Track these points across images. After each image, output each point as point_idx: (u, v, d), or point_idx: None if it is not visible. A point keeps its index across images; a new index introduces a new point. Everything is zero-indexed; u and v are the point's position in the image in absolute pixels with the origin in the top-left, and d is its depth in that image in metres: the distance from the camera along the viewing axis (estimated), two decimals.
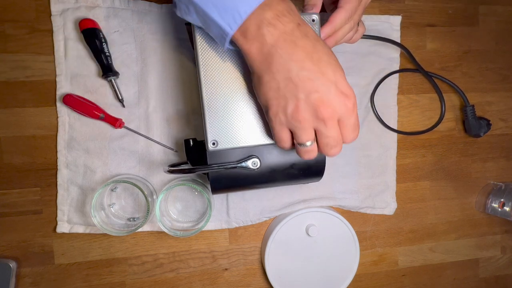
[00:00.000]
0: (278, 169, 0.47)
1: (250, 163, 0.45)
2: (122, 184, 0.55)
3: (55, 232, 0.55)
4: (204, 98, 0.42)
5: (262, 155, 0.46)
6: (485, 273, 0.69)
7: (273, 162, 0.47)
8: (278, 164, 0.47)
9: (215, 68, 0.42)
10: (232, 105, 0.43)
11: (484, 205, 0.66)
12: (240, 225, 0.59)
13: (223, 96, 0.43)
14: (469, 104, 0.63)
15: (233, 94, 0.43)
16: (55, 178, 0.55)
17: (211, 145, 0.43)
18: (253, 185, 0.49)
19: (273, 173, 0.47)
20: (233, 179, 0.47)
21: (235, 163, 0.45)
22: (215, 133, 0.43)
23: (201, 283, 0.60)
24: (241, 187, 0.49)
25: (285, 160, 0.47)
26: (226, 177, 0.47)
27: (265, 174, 0.47)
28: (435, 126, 0.64)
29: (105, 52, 0.52)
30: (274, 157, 0.47)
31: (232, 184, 0.47)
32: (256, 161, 0.46)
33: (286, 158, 0.47)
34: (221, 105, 0.43)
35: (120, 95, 0.54)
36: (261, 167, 0.46)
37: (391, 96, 0.63)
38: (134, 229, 0.52)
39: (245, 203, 0.59)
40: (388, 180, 0.63)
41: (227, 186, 0.48)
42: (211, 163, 0.45)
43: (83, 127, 0.54)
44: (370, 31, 0.61)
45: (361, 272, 0.64)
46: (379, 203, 0.63)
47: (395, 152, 0.63)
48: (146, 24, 0.54)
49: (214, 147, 0.43)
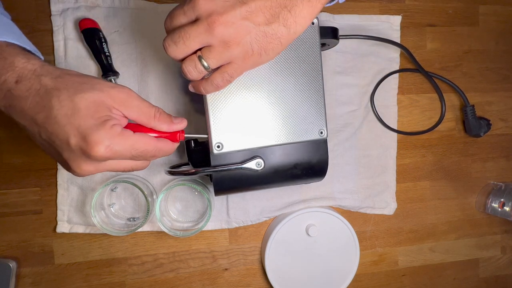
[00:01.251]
0: (282, 169, 0.47)
1: (254, 164, 0.45)
2: (122, 184, 0.55)
3: (55, 232, 0.55)
4: (208, 99, 0.42)
5: (266, 155, 0.46)
6: (485, 273, 0.69)
7: (277, 163, 0.46)
8: (281, 165, 0.47)
9: None
10: (236, 106, 0.43)
11: (484, 205, 0.66)
12: (240, 225, 0.59)
13: (227, 97, 0.42)
14: (469, 104, 0.63)
15: (238, 95, 0.43)
16: (55, 178, 0.54)
17: (215, 148, 0.43)
18: (257, 186, 0.48)
19: (276, 174, 0.47)
20: (236, 180, 0.46)
21: (239, 164, 0.45)
22: (219, 136, 0.43)
23: (201, 283, 0.60)
24: (245, 188, 0.49)
25: (288, 160, 0.47)
26: (229, 179, 0.46)
27: (269, 174, 0.47)
28: (435, 126, 0.64)
29: (105, 52, 0.52)
30: (277, 157, 0.46)
31: (235, 185, 0.47)
32: (260, 162, 0.45)
33: (289, 158, 0.47)
34: (225, 107, 0.42)
35: None
36: (264, 168, 0.46)
37: (391, 96, 0.63)
38: (134, 229, 0.52)
39: (245, 203, 0.59)
40: (388, 180, 0.63)
41: (230, 187, 0.47)
42: (214, 165, 0.45)
43: None
44: (370, 31, 0.61)
45: (361, 272, 0.64)
46: (379, 203, 0.63)
47: (395, 152, 0.63)
48: (146, 23, 0.54)
49: (219, 150, 0.43)
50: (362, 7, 0.61)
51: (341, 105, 0.61)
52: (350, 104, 0.61)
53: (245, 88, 0.43)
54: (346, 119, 0.61)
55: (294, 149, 0.47)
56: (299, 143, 0.46)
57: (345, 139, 0.61)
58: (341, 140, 0.61)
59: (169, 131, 0.38)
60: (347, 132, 0.61)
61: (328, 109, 0.60)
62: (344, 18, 0.60)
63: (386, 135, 0.63)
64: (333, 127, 0.61)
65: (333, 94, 0.61)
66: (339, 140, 0.61)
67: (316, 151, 0.48)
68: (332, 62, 0.60)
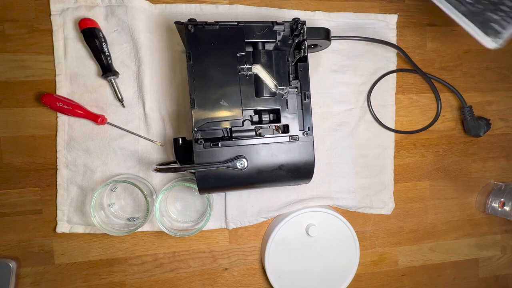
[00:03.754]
0: (266, 170, 0.47)
1: (237, 163, 0.45)
2: (121, 184, 0.55)
3: (55, 232, 0.55)
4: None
5: (250, 155, 0.46)
6: (485, 273, 0.69)
7: (261, 163, 0.47)
8: (265, 165, 0.47)
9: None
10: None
11: (484, 205, 0.66)
12: (237, 226, 0.59)
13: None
14: (467, 105, 0.63)
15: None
16: (55, 178, 0.54)
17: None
18: (241, 186, 0.49)
19: (261, 174, 0.47)
20: (220, 179, 0.47)
21: (222, 163, 0.45)
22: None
23: (201, 283, 0.60)
24: (229, 187, 0.49)
25: (273, 161, 0.47)
26: (213, 177, 0.46)
27: (253, 174, 0.47)
28: (431, 124, 0.64)
29: (105, 52, 0.52)
30: (262, 157, 0.47)
31: (219, 184, 0.47)
32: (243, 162, 0.45)
33: (274, 159, 0.47)
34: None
35: (120, 95, 0.54)
36: (248, 168, 0.46)
37: (389, 95, 0.63)
38: (133, 229, 0.52)
39: (243, 203, 0.59)
40: (385, 180, 0.63)
41: (214, 185, 0.48)
42: (198, 163, 0.45)
43: (83, 126, 0.54)
44: (366, 30, 0.61)
45: (361, 272, 0.64)
46: (376, 203, 0.63)
47: (392, 151, 0.63)
48: (140, 21, 0.54)
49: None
50: (362, 6, 0.61)
51: (337, 103, 0.61)
52: (346, 103, 0.61)
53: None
54: (343, 118, 0.61)
55: (278, 149, 0.47)
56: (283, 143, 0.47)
57: (341, 138, 0.61)
58: (337, 139, 0.61)
59: None
60: (343, 131, 0.61)
61: (325, 107, 0.60)
62: (340, 16, 0.60)
63: (384, 134, 0.63)
64: (329, 125, 0.61)
65: (330, 92, 0.61)
66: (335, 138, 0.61)
67: (301, 152, 0.48)
68: (328, 60, 0.60)
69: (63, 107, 0.52)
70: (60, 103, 0.52)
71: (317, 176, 0.60)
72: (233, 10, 0.56)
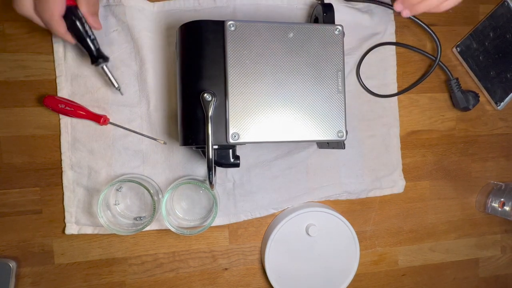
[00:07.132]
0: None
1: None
2: (127, 183, 0.55)
3: (56, 232, 0.55)
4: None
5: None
6: (485, 273, 0.69)
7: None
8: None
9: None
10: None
11: (484, 205, 0.66)
12: (248, 218, 0.59)
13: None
14: (453, 77, 0.62)
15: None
16: (56, 177, 0.54)
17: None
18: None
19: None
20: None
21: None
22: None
23: (201, 283, 0.60)
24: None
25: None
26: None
27: None
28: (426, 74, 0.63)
29: (90, 36, 0.47)
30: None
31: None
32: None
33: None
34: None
35: (115, 82, 0.51)
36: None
37: (391, 73, 0.62)
38: (141, 228, 0.52)
39: (253, 195, 0.58)
40: (393, 158, 0.63)
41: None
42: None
43: (86, 127, 0.54)
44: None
45: (361, 272, 0.64)
46: (386, 183, 0.63)
47: (398, 130, 0.63)
48: (140, 21, 0.54)
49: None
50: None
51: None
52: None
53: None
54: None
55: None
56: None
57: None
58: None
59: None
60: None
61: None
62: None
63: (388, 114, 0.62)
64: None
65: None
66: None
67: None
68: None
69: (65, 108, 0.52)
70: (62, 105, 0.52)
71: (325, 163, 0.60)
72: (231, 3, 0.56)
